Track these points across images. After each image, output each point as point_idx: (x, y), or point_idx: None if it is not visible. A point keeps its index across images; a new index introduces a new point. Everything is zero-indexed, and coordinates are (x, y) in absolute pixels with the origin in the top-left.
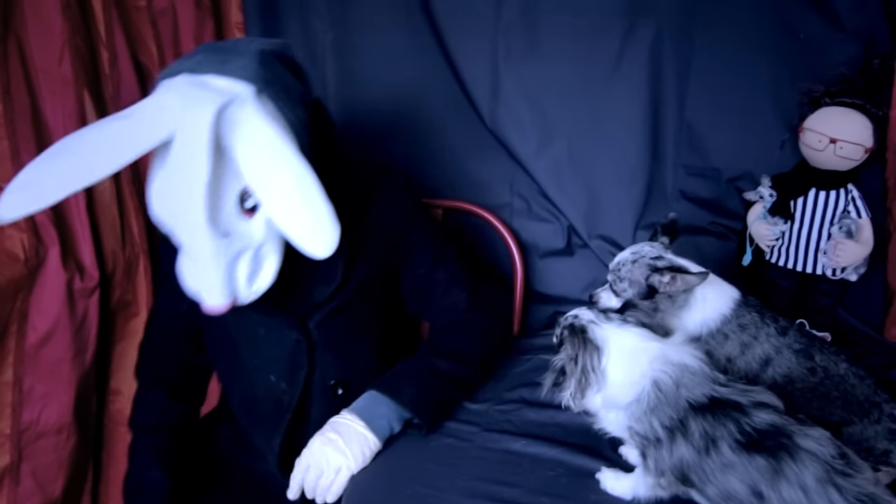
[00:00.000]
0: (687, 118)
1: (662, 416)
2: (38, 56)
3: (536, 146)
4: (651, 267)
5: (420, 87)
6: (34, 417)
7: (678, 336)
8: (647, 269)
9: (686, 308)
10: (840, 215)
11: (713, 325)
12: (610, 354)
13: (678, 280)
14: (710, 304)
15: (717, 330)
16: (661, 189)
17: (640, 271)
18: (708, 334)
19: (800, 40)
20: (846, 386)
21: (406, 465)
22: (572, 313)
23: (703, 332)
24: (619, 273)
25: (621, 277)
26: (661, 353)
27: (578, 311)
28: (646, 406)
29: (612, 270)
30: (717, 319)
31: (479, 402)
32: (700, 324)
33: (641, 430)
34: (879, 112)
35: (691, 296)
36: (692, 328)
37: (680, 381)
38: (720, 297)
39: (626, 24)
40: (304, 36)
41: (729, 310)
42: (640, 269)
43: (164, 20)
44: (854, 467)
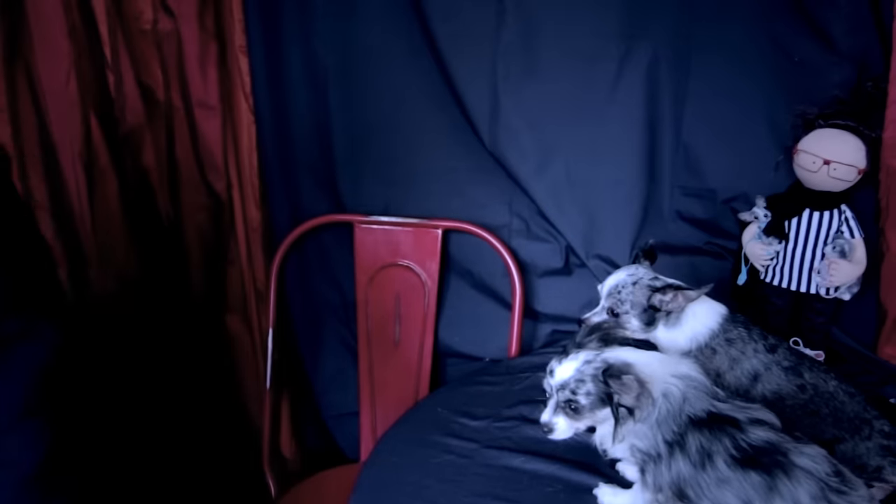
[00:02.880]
0: (683, 140)
1: (666, 431)
2: (46, 78)
3: (535, 167)
4: (651, 287)
5: (420, 109)
6: None
7: (669, 352)
8: (647, 289)
9: (678, 324)
10: (834, 235)
11: (702, 340)
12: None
13: (679, 297)
14: (699, 319)
15: (705, 344)
16: (658, 210)
17: (641, 293)
18: (697, 349)
19: (794, 63)
20: (836, 403)
21: (408, 481)
22: (606, 359)
23: (692, 347)
24: (619, 296)
25: (622, 300)
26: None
27: (608, 357)
28: (654, 420)
29: (611, 294)
30: (705, 334)
31: (479, 419)
32: (690, 339)
33: (645, 446)
34: (872, 134)
35: (683, 312)
36: (683, 343)
37: (686, 394)
38: (709, 312)
39: (624, 47)
40: (306, 59)
41: (717, 324)
42: (641, 290)
43: (169, 43)
44: (849, 485)
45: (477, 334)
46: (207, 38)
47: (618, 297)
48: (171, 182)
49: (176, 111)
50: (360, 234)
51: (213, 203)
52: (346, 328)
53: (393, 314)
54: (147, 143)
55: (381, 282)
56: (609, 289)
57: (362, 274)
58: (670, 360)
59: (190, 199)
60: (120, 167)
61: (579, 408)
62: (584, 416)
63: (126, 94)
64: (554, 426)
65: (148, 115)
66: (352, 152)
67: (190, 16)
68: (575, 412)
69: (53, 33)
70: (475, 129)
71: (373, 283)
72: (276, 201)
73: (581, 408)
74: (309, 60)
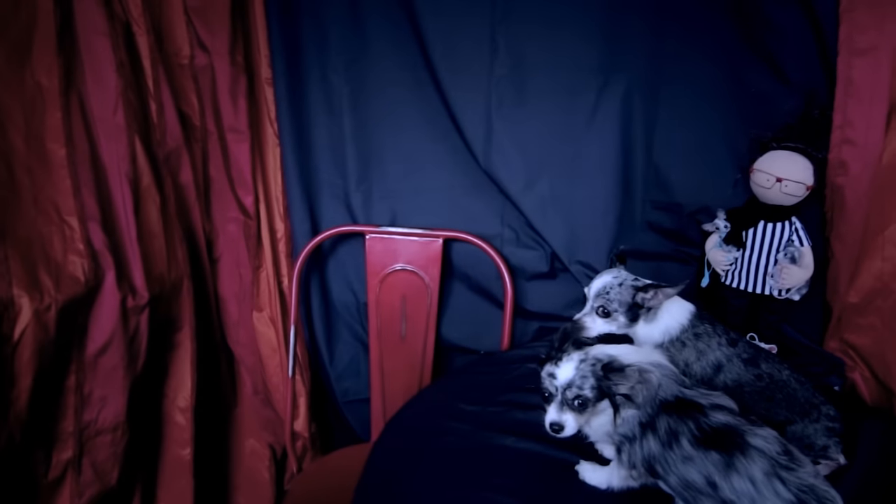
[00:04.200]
0: (653, 160)
1: (643, 414)
2: (96, 107)
3: (524, 185)
4: (635, 287)
5: (423, 133)
6: (93, 417)
7: (647, 345)
8: (632, 289)
9: (654, 320)
10: (785, 244)
11: (674, 334)
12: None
13: (659, 293)
14: (672, 315)
15: (676, 338)
16: (631, 221)
17: (627, 292)
18: (669, 341)
19: (750, 93)
20: (788, 390)
21: (412, 459)
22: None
23: (665, 340)
24: (608, 296)
25: (611, 300)
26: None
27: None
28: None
29: (600, 295)
30: (677, 329)
31: (474, 404)
32: (664, 332)
33: (624, 430)
34: (819, 155)
35: (659, 310)
36: (657, 337)
37: (660, 381)
38: (680, 310)
39: (602, 79)
40: (324, 90)
41: (686, 320)
42: (627, 290)
43: (204, 76)
44: (797, 462)
45: (473, 330)
46: (238, 72)
47: (607, 298)
48: (205, 197)
49: (210, 135)
50: (371, 243)
51: (242, 216)
52: (359, 325)
53: (400, 313)
54: (185, 164)
55: (389, 285)
56: (597, 290)
57: (373, 278)
58: (643, 352)
59: (222, 212)
60: (161, 185)
61: (586, 401)
62: (588, 409)
63: (167, 121)
64: (565, 423)
65: (186, 139)
66: (363, 171)
67: (222, 52)
68: (581, 406)
69: (103, 68)
70: (471, 151)
71: (382, 286)
72: (298, 214)
73: (587, 401)
74: (326, 91)
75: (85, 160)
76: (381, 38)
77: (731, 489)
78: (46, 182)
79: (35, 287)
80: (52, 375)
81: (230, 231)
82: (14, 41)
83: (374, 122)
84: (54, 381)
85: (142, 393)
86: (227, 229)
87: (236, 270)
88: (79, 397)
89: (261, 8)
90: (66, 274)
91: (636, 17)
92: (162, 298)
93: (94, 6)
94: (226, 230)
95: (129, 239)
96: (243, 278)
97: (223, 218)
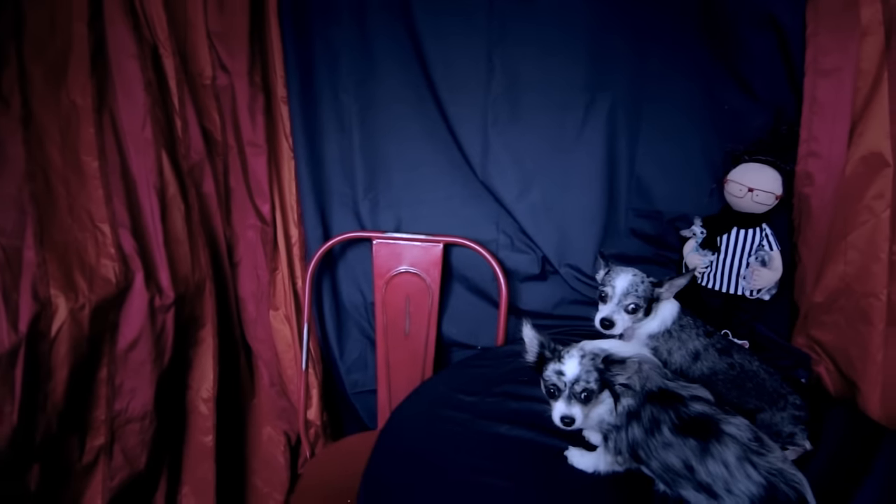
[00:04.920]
0: (636, 172)
1: (631, 403)
2: (126, 123)
3: (517, 194)
4: (652, 283)
5: (425, 147)
6: (123, 407)
7: (642, 336)
8: (650, 285)
9: (655, 313)
10: (756, 248)
11: (668, 324)
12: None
13: (672, 285)
14: (666, 310)
15: (666, 329)
16: (616, 228)
17: (648, 289)
18: (663, 331)
19: (724, 111)
20: (758, 380)
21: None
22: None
23: (661, 331)
24: (637, 293)
25: (640, 296)
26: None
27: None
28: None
29: (629, 294)
30: (669, 321)
31: (472, 395)
32: (660, 323)
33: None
34: (787, 167)
35: (658, 305)
36: (656, 328)
37: (649, 373)
38: (671, 306)
39: (588, 97)
40: (335, 107)
41: (676, 314)
42: (647, 287)
43: (225, 95)
44: (766, 448)
45: (471, 327)
46: (255, 91)
47: (637, 294)
48: (226, 206)
49: (230, 149)
50: (377, 247)
51: (260, 223)
52: (367, 322)
53: (404, 311)
54: (207, 175)
55: (394, 286)
56: (625, 289)
57: (379, 279)
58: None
59: (241, 219)
60: (185, 194)
61: (592, 393)
62: (592, 400)
63: (191, 136)
64: (576, 415)
65: (208, 153)
66: (370, 182)
67: (241, 73)
68: (587, 399)
69: (133, 87)
70: (469, 164)
71: (388, 287)
72: (311, 221)
73: (593, 392)
74: (337, 108)
75: (116, 172)
76: (387, 59)
77: (706, 472)
78: (81, 192)
79: (70, 288)
80: (86, 368)
81: (249, 237)
82: (51, 63)
83: (381, 137)
84: (88, 374)
85: (168, 385)
86: (246, 235)
87: (254, 273)
88: (110, 388)
89: (276, 33)
90: (98, 276)
91: (620, 39)
92: (186, 298)
93: (125, 31)
94: (245, 236)
95: (156, 244)
96: (261, 280)
97: (242, 224)
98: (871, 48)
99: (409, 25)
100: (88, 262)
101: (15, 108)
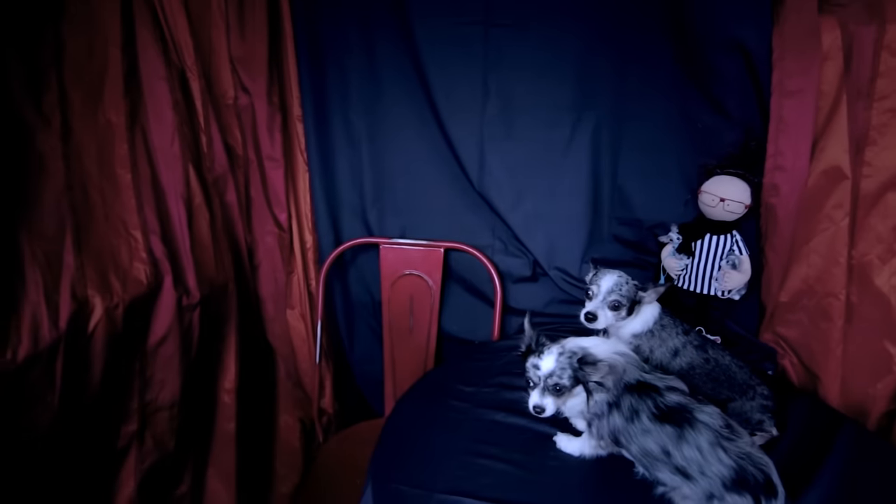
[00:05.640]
0: (618, 184)
1: (610, 395)
2: (156, 139)
3: (511, 204)
4: (636, 286)
5: (428, 161)
6: (154, 397)
7: (626, 335)
8: (634, 287)
9: (638, 314)
10: (727, 253)
11: (650, 324)
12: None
13: (653, 291)
14: (649, 310)
15: (648, 329)
16: (600, 234)
17: (631, 290)
18: (645, 330)
19: (698, 128)
20: (730, 373)
21: (419, 431)
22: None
23: (643, 330)
24: (620, 292)
25: (623, 295)
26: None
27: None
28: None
29: (613, 292)
30: (651, 321)
31: (470, 385)
32: (643, 323)
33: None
34: (756, 180)
35: (641, 307)
36: (639, 328)
37: (625, 367)
38: (653, 307)
39: (575, 116)
40: (346, 126)
41: (657, 314)
42: (632, 288)
43: (246, 114)
44: (736, 434)
45: (469, 324)
46: (273, 110)
47: (620, 293)
48: (247, 214)
49: (251, 163)
50: (384, 252)
51: (277, 229)
52: (374, 319)
53: (408, 310)
54: (230, 186)
55: (399, 287)
56: (609, 288)
57: (385, 281)
58: (610, 343)
59: (261, 226)
60: (210, 204)
61: (564, 388)
62: (565, 394)
63: (215, 151)
64: (546, 405)
65: (230, 166)
66: (378, 193)
67: (261, 94)
68: (559, 392)
69: (162, 107)
70: (467, 177)
71: (393, 288)
72: (323, 228)
73: (564, 388)
74: (347, 127)
75: (147, 183)
76: (393, 84)
77: (682, 456)
78: (115, 201)
79: (106, 289)
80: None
81: (267, 242)
82: (88, 85)
83: (387, 153)
84: (121, 367)
85: (195, 377)
86: (265, 240)
87: (272, 275)
88: (141, 380)
89: (293, 58)
90: (131, 278)
91: (604, 63)
92: (211, 298)
93: (155, 55)
94: (264, 241)
95: (183, 249)
96: (278, 281)
97: (262, 231)
98: (831, 72)
99: (414, 54)
100: (122, 266)
101: (55, 126)
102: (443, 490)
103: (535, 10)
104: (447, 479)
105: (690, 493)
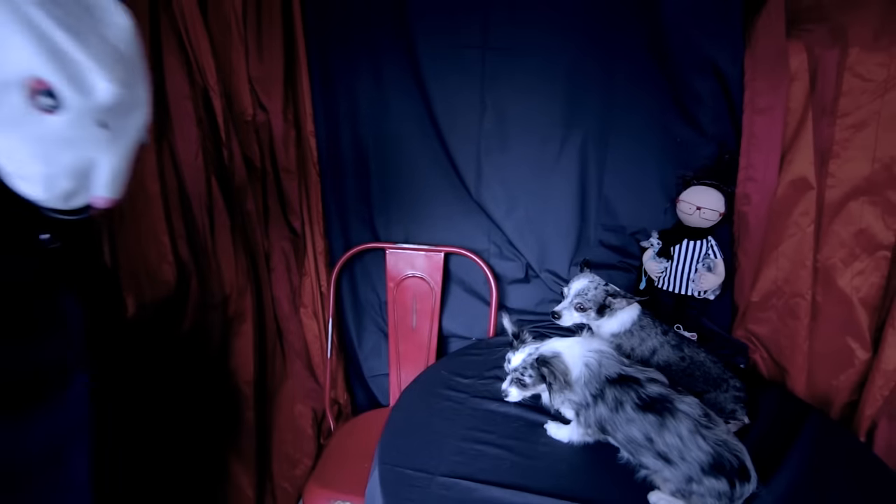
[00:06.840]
0: (604, 193)
1: (591, 388)
2: (182, 153)
3: (505, 211)
4: (607, 291)
5: (429, 172)
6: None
7: (606, 334)
8: (604, 292)
9: (614, 315)
10: (703, 256)
11: (627, 325)
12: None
13: (624, 301)
14: (626, 311)
15: (627, 329)
16: (587, 239)
17: (600, 294)
18: (623, 331)
19: (677, 142)
20: (705, 368)
21: (421, 419)
22: (540, 352)
23: (621, 331)
24: (586, 296)
25: (588, 299)
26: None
27: (541, 349)
28: (582, 382)
29: (579, 294)
30: (629, 322)
31: (468, 378)
32: (620, 324)
33: (578, 399)
34: (729, 189)
35: (614, 311)
36: (616, 328)
37: (601, 362)
38: (632, 308)
39: (564, 132)
40: (354, 140)
41: (636, 315)
42: (600, 292)
43: (263, 129)
44: (713, 422)
45: (467, 322)
46: (288, 126)
47: (585, 297)
48: (264, 221)
49: (268, 174)
50: (390, 256)
51: (292, 235)
52: (381, 318)
53: (411, 309)
54: (249, 196)
55: (403, 288)
56: (577, 290)
57: (391, 282)
58: (586, 341)
59: (277, 232)
60: (231, 212)
61: (525, 384)
62: (529, 388)
63: (235, 164)
64: (508, 393)
65: (249, 177)
66: (384, 201)
67: (277, 111)
68: (523, 386)
69: (187, 123)
70: (465, 186)
71: (398, 289)
72: (334, 234)
73: (526, 384)
74: (355, 140)
75: (174, 193)
76: (398, 102)
77: (663, 443)
78: (145, 210)
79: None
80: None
81: (283, 247)
82: None
83: (392, 164)
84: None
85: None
86: (280, 245)
87: (287, 277)
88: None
89: (306, 79)
90: (160, 279)
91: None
92: (231, 298)
93: (180, 76)
94: (279, 246)
95: (207, 253)
96: (293, 282)
97: (278, 237)
98: (798, 91)
99: (417, 75)
100: (151, 268)
101: None
102: (443, 473)
103: (528, 35)
104: (447, 462)
105: (671, 476)
